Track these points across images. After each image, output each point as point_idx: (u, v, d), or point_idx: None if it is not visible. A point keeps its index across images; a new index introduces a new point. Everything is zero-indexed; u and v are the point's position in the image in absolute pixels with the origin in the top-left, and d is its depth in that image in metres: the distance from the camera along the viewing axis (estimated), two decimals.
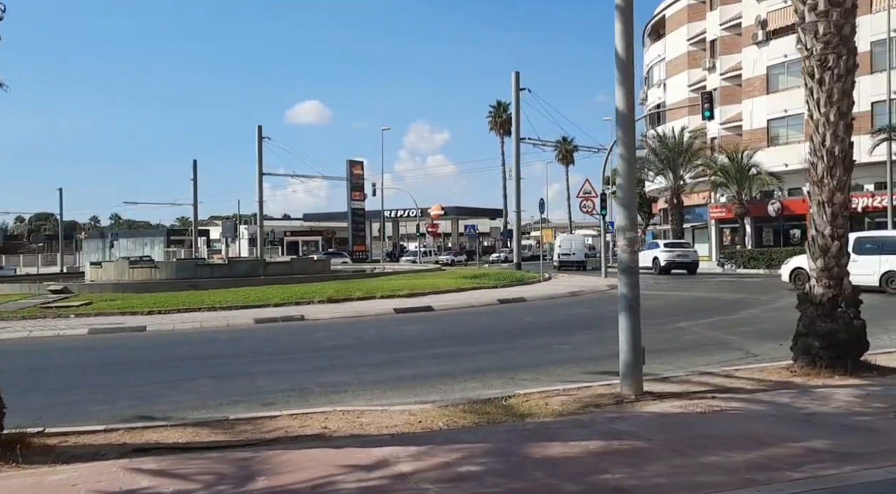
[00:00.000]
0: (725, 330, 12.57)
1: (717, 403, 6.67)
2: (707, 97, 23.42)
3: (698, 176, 39.27)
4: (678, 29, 45.52)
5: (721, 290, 21.74)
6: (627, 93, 7.34)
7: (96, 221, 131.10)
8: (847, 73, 8.15)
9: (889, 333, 11.89)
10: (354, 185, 58.19)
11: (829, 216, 8.27)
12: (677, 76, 45.93)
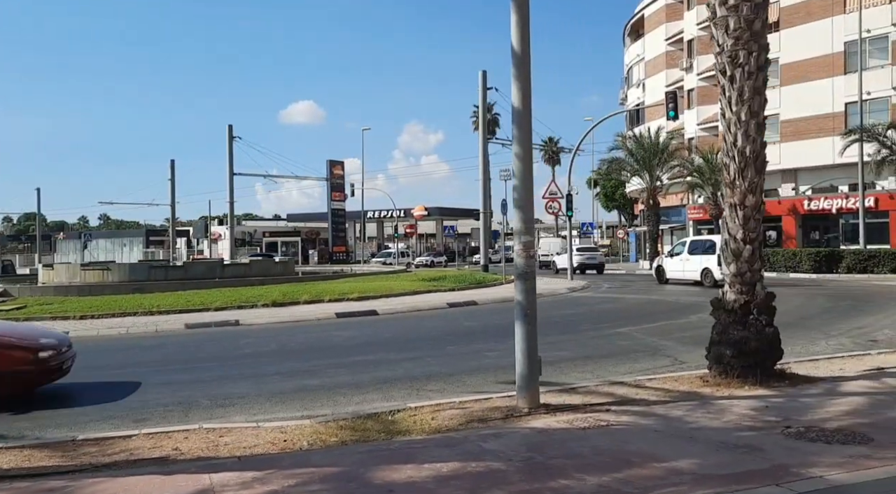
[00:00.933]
0: (664, 336, 12.25)
1: (608, 417, 6.33)
2: (671, 97, 23.14)
3: (676, 177, 39.02)
4: (657, 28, 45.28)
5: (683, 294, 21.44)
6: (523, 88, 6.98)
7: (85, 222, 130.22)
8: (758, 70, 7.82)
9: (829, 339, 11.56)
10: (334, 186, 57.77)
11: (741, 219, 7.95)
12: (656, 76, 45.67)
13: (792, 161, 35.07)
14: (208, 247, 66.30)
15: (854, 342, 11.23)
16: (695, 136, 41.81)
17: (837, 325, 13.22)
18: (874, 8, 31.73)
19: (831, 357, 9.54)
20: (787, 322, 14.05)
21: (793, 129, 34.83)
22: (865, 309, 15.72)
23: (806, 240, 35.73)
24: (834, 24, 32.99)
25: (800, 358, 9.61)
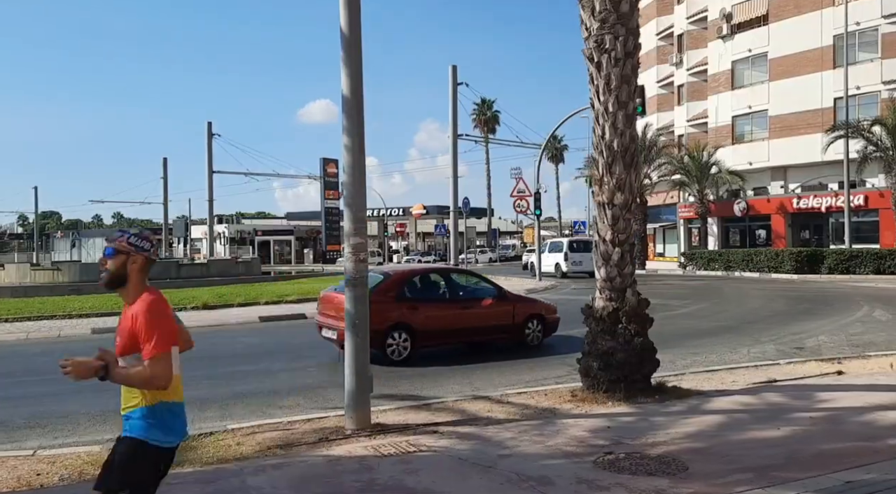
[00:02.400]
0: None
1: (428, 441, 5.73)
2: (639, 91, 22.24)
3: (664, 175, 38.07)
4: (648, 23, 44.19)
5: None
6: (353, 74, 6.38)
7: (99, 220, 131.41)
8: (626, 57, 7.16)
9: (755, 346, 10.82)
10: (328, 184, 57.31)
11: (610, 219, 7.30)
12: (648, 71, 44.58)
13: (781, 158, 34.08)
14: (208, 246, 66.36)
15: (778, 349, 10.51)
16: (685, 133, 40.85)
17: (775, 330, 12.47)
18: (863, 0, 30.63)
19: (734, 367, 8.86)
20: (729, 326, 13.42)
21: (782, 126, 33.82)
22: (818, 313, 14.92)
23: (795, 239, 34.68)
24: (823, 16, 31.92)
25: (701, 368, 8.95)
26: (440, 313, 10.52)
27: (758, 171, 35.34)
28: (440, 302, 10.86)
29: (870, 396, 6.82)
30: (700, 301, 18.35)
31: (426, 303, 10.53)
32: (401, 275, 10.96)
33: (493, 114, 76.57)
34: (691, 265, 34.48)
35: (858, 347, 10.51)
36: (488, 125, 77.00)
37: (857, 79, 30.83)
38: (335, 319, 9.40)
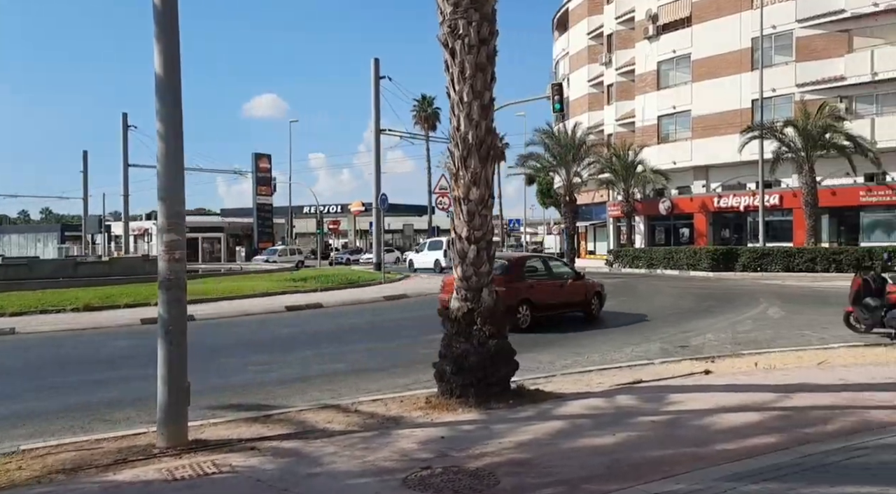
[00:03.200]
0: None
1: (237, 460, 5.20)
2: (557, 89, 22.30)
3: (594, 173, 38.43)
4: (580, 22, 44.69)
5: None
6: (167, 50, 5.74)
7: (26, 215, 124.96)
8: (481, 44, 6.77)
9: (641, 345, 10.68)
10: (260, 180, 55.87)
11: (466, 215, 6.92)
12: (579, 70, 45.13)
13: (703, 158, 34.80)
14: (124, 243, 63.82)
15: (663, 348, 10.41)
16: (614, 132, 41.35)
17: (669, 328, 12.44)
18: (779, 4, 31.50)
19: (608, 367, 8.65)
20: (624, 324, 13.31)
21: (704, 126, 34.54)
22: (716, 310, 15.05)
23: (716, 237, 35.53)
24: (742, 19, 32.72)
25: (578, 368, 8.72)
26: (547, 290, 13.40)
27: (682, 171, 36.02)
28: (545, 281, 13.68)
29: (722, 397, 6.65)
30: (610, 299, 18.32)
31: (538, 283, 13.42)
32: (519, 260, 14.20)
33: (433, 111, 76.16)
34: (617, 263, 34.87)
35: (739, 345, 10.50)
36: (429, 122, 76.36)
37: (773, 81, 31.74)
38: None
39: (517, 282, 12.73)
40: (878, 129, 29.04)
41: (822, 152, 28.24)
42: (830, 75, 30.30)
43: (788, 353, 9.19)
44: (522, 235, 54.60)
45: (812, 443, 5.11)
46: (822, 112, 27.92)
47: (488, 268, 7.01)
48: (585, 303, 14.11)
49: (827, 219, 31.56)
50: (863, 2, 28.98)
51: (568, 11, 46.93)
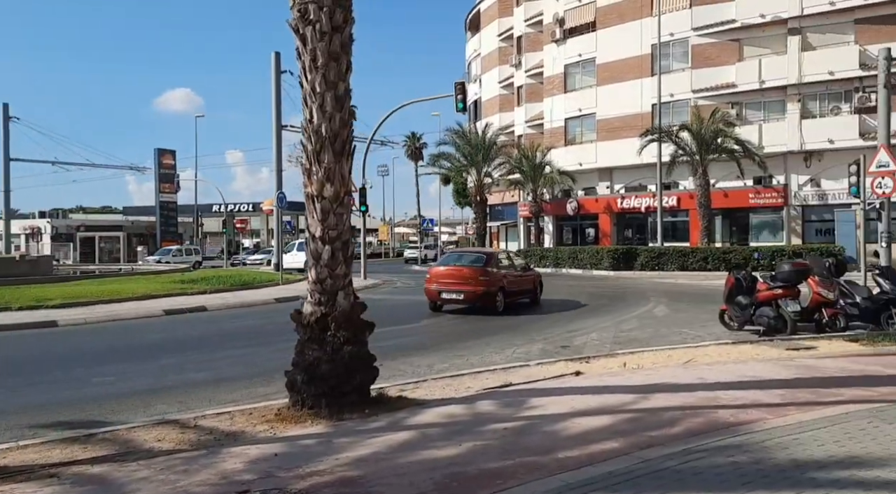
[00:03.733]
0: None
1: (30, 489, 4.57)
2: (460, 88, 22.18)
3: (506, 174, 38.82)
4: (491, 24, 45.10)
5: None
6: None
7: None
8: (334, 31, 6.36)
9: (522, 347, 10.58)
10: (163, 176, 53.21)
11: (320, 213, 6.50)
12: (491, 71, 45.53)
13: (607, 160, 35.74)
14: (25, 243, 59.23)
15: (544, 348, 10.34)
16: (523, 133, 41.91)
17: (556, 328, 12.46)
18: (677, 12, 32.78)
19: (482, 370, 8.39)
20: (515, 324, 13.24)
21: (608, 128, 35.49)
22: (605, 310, 15.28)
23: (620, 237, 36.62)
24: (643, 26, 33.83)
25: (454, 372, 8.44)
26: (512, 279, 15.82)
27: (588, 172, 36.89)
28: (511, 272, 16.01)
29: (583, 400, 6.54)
30: None
31: (507, 273, 15.76)
32: (493, 254, 16.65)
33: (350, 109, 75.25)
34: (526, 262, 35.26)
35: (619, 344, 10.59)
36: None
37: (671, 86, 32.98)
38: (459, 286, 14.87)
39: (497, 273, 15.18)
40: (765, 135, 30.69)
41: (715, 156, 29.58)
42: (723, 82, 31.78)
43: (660, 352, 9.29)
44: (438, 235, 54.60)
45: (655, 447, 5.01)
46: (714, 117, 29.23)
47: (345, 270, 6.62)
48: (533, 291, 16.80)
49: (720, 219, 33.14)
50: (751, 13, 30.54)
51: (480, 12, 47.27)
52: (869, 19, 28.59)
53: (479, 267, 15.13)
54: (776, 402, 6.27)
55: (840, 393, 6.58)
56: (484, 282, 14.77)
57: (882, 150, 18.05)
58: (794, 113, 30.17)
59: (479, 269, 15.07)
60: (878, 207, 20.78)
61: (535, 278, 17.10)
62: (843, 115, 29.34)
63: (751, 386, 6.99)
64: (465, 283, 14.77)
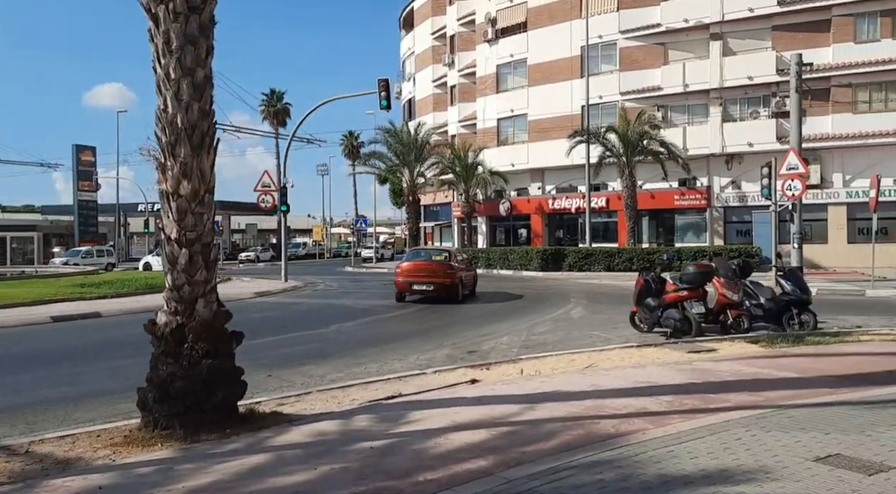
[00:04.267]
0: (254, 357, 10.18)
1: None
2: (384, 85, 21.65)
3: (439, 174, 38.48)
4: (424, 22, 44.74)
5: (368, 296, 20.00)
6: None
7: None
8: (190, 12, 5.75)
9: (427, 353, 10.17)
10: (82, 174, 50.62)
11: (176, 213, 5.89)
12: (424, 70, 45.18)
13: (539, 160, 35.85)
14: None
15: (449, 354, 9.96)
16: (457, 133, 41.70)
17: (467, 332, 12.11)
18: (605, 15, 33.18)
19: (372, 381, 7.91)
20: (426, 329, 12.78)
21: (539, 129, 35.61)
22: (523, 312, 15.07)
23: (552, 237, 36.84)
24: (573, 28, 34.08)
25: (345, 383, 7.92)
26: (465, 274, 18.44)
27: (520, 173, 36.94)
28: (462, 267, 18.45)
29: (467, 412, 6.16)
30: (427, 301, 17.97)
31: (462, 267, 18.41)
32: (453, 252, 19.59)
33: (283, 106, 73.32)
34: None
35: (527, 349, 10.32)
36: (278, 117, 73.56)
37: (600, 88, 33.34)
38: (428, 278, 17.11)
39: (458, 267, 17.91)
40: (689, 137, 31.37)
41: (641, 157, 30.04)
42: (649, 85, 32.31)
43: (563, 357, 9.04)
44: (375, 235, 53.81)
45: (524, 465, 4.66)
46: (640, 119, 29.66)
47: (205, 276, 6.02)
48: (474, 285, 19.48)
49: (647, 220, 33.72)
50: (675, 17, 31.16)
51: (413, 10, 46.84)
52: (785, 26, 29.58)
53: (445, 263, 17.73)
54: (662, 410, 6.05)
55: (727, 398, 6.42)
56: (450, 275, 17.24)
57: (791, 153, 18.58)
58: (717, 116, 30.95)
59: (446, 264, 17.67)
60: (790, 209, 21.46)
61: (475, 273, 20.33)
62: (762, 119, 30.28)
63: (642, 392, 6.77)
64: (434, 276, 17.11)
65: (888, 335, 10.07)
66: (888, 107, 28.42)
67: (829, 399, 6.27)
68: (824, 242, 29.24)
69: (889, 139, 27.56)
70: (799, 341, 9.50)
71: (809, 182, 29.44)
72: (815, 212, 29.32)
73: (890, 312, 13.66)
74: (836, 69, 28.51)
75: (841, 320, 12.53)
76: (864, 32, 28.49)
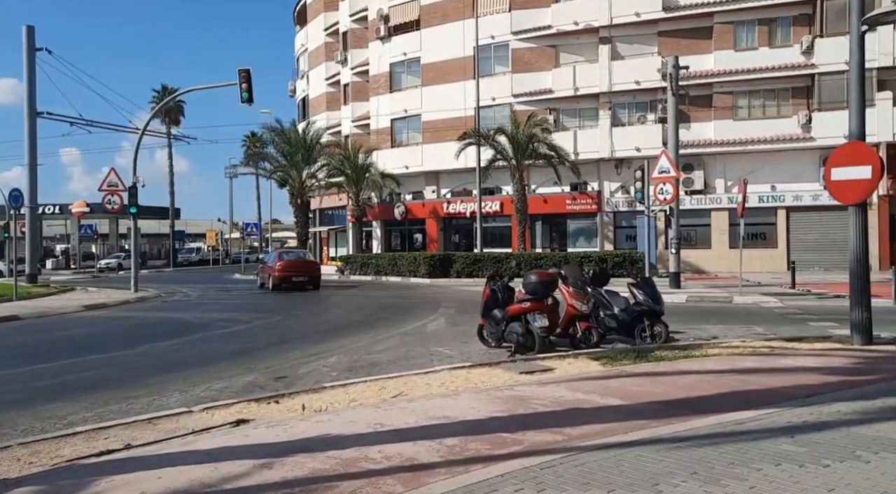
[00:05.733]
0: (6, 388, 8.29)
1: None
2: (244, 76, 19.81)
3: (328, 176, 36.64)
4: (317, 17, 42.87)
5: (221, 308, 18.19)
6: None
7: None
8: None
9: (237, 378, 8.57)
10: None
11: None
12: (318, 68, 43.27)
13: (433, 163, 34.75)
14: None
15: (253, 381, 8.42)
16: (351, 134, 40.05)
17: (294, 352, 10.57)
18: (497, 15, 32.56)
19: (104, 427, 6.16)
20: (253, 347, 11.02)
21: (433, 131, 34.55)
22: (378, 324, 13.71)
23: (448, 242, 35.83)
24: (465, 27, 33.22)
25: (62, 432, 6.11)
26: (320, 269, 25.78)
27: (415, 175, 35.74)
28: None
29: (176, 475, 4.66)
30: (280, 314, 16.33)
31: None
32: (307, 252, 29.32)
33: (176, 103, 69.35)
34: (348, 270, 33.42)
35: (349, 371, 8.93)
36: (170, 115, 69.60)
37: (493, 90, 32.67)
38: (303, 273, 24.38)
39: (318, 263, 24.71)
40: (580, 141, 31.12)
41: (531, 161, 29.48)
42: (541, 88, 31.88)
43: (376, 383, 7.71)
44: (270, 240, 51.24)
45: None
46: (530, 122, 29.08)
47: None
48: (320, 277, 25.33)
49: (540, 225, 33.27)
50: (566, 20, 30.87)
51: (306, 5, 44.83)
52: (670, 32, 29.83)
53: (312, 261, 27.41)
54: (432, 461, 4.79)
55: (522, 439, 5.25)
56: (317, 270, 25.46)
57: (663, 156, 18.19)
58: (606, 121, 30.83)
59: (313, 261, 27.45)
60: (667, 213, 21.22)
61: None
62: (649, 124, 30.39)
63: (429, 433, 5.50)
64: (307, 271, 24.76)
65: (737, 347, 9.36)
66: (766, 115, 29.12)
67: (638, 436, 5.21)
68: (708, 247, 29.62)
69: (766, 146, 28.19)
70: (642, 357, 8.59)
71: (693, 187, 29.88)
72: (700, 218, 29.71)
73: (750, 320, 13.20)
74: (718, 76, 28.97)
75: (700, 330, 11.89)
76: (743, 40, 29.09)
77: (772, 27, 28.80)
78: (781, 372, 7.60)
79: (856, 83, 9.25)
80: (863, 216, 9.10)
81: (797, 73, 28.06)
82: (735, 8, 28.55)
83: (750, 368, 7.89)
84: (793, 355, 8.56)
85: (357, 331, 12.80)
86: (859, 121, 9.20)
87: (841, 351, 8.73)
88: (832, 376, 7.33)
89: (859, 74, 9.26)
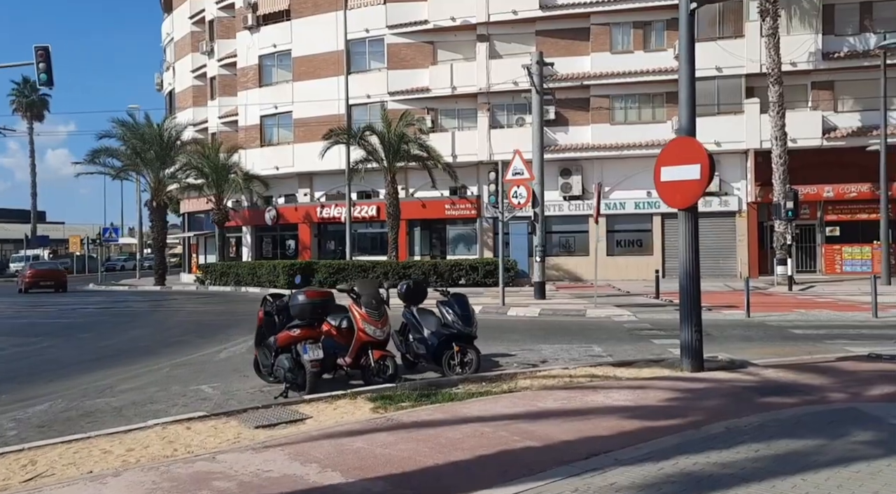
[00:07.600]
0: None
1: None
2: (42, 55, 16.82)
3: (186, 177, 33.29)
4: (183, 4, 39.33)
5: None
6: None
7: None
8: None
9: None
10: None
11: None
12: (184, 59, 39.69)
13: (306, 164, 32.17)
14: None
15: None
16: (218, 131, 36.84)
17: (39, 388, 8.10)
18: (372, 7, 30.63)
19: None
20: None
21: (306, 129, 32.05)
22: (168, 350, 11.29)
23: (323, 249, 33.42)
24: (338, 19, 31.05)
25: None
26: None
27: (286, 177, 33.08)
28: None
29: None
30: (61, 336, 13.55)
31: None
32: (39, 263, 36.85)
33: (39, 98, 63.12)
34: (208, 280, 30.39)
35: (44, 427, 6.63)
36: (32, 110, 63.23)
37: (368, 87, 30.69)
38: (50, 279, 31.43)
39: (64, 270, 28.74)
40: (458, 143, 29.62)
41: (404, 162, 27.70)
42: (418, 86, 30.18)
43: (23, 455, 5.44)
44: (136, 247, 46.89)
45: None
46: (403, 121, 27.27)
47: None
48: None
49: (419, 231, 31.52)
50: (443, 15, 29.30)
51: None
52: (548, 32, 28.90)
53: (59, 268, 33.29)
54: None
55: None
56: (63, 276, 31.44)
57: (517, 157, 16.78)
58: (484, 122, 29.50)
59: (60, 269, 33.07)
60: (532, 219, 19.92)
61: None
62: (527, 127, 29.21)
63: None
64: (53, 278, 30.92)
65: (555, 377, 7.74)
66: (641, 119, 28.70)
67: None
68: (586, 254, 28.78)
69: (642, 151, 27.65)
70: (426, 397, 6.77)
71: (571, 192, 29.05)
72: (578, 224, 28.90)
73: (594, 338, 11.71)
74: (594, 78, 28.27)
75: (533, 351, 10.31)
76: (619, 43, 28.56)
77: (646, 31, 28.43)
78: (580, 416, 5.97)
79: (685, 71, 7.91)
80: (693, 222, 7.72)
81: (671, 77, 27.67)
82: (610, 9, 27.96)
83: (547, 410, 6.22)
84: (608, 388, 7.00)
85: (133, 360, 10.37)
86: (689, 112, 7.87)
87: (664, 381, 7.28)
88: (635, 420, 5.76)
89: (689, 60, 7.94)
